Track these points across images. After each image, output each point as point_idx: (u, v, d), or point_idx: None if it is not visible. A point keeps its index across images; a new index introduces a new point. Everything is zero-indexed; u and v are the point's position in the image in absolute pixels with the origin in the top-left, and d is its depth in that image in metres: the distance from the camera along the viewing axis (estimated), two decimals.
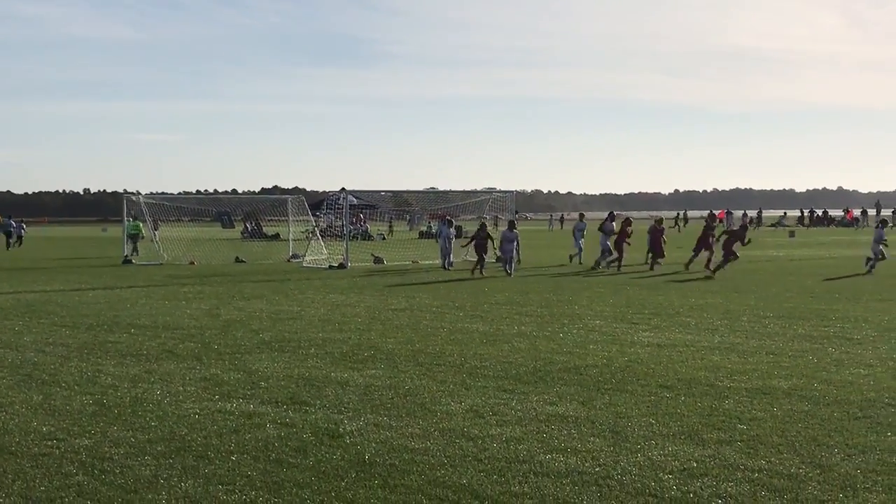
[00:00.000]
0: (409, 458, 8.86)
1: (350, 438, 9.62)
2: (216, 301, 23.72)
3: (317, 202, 61.89)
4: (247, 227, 71.81)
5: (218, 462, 8.83)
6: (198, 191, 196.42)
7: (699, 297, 23.72)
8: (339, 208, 44.72)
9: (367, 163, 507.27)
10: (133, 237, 45.17)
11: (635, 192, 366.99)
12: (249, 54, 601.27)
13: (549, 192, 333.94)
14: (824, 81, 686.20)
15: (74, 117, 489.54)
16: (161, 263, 40.81)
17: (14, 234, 59.70)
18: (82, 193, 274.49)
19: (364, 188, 55.18)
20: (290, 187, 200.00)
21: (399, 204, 78.86)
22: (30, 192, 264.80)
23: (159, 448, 9.35)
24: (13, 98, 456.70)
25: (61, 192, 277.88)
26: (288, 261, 42.17)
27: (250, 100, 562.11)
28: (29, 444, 9.56)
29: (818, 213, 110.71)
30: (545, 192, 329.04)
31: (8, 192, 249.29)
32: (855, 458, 8.76)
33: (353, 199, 54.06)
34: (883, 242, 32.17)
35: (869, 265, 31.48)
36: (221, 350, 15.53)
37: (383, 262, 39.61)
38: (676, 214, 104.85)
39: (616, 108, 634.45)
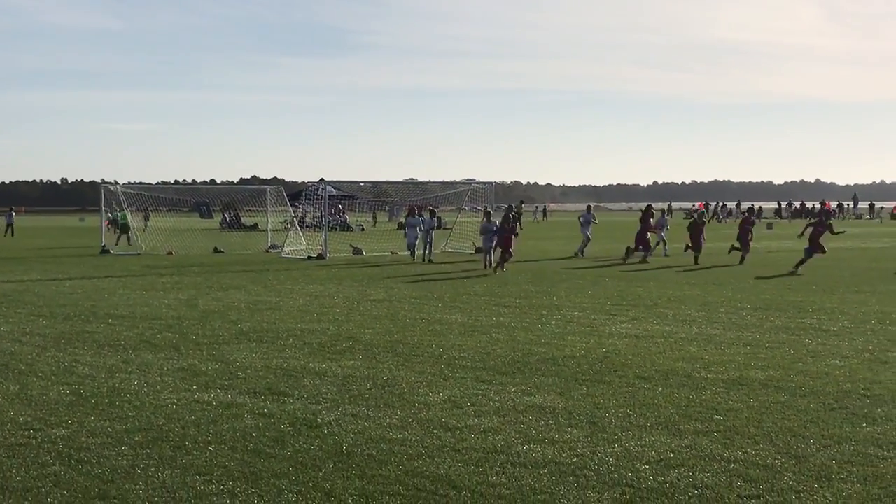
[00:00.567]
0: (387, 449, 8.87)
1: (328, 429, 9.62)
2: (194, 291, 23.65)
3: (296, 193, 61.75)
4: (225, 218, 71.59)
5: (195, 452, 8.81)
6: (176, 181, 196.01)
7: (677, 288, 23.80)
8: (317, 199, 44.60)
9: (347, 153, 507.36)
10: (124, 227, 45.45)
11: (614, 184, 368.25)
12: (229, 44, 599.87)
13: (528, 183, 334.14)
14: (804, 74, 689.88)
15: (52, 106, 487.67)
16: (139, 254, 40.67)
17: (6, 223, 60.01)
18: (60, 183, 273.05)
19: (343, 179, 55.01)
20: (269, 178, 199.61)
21: (378, 195, 78.74)
22: (6, 182, 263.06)
23: (136, 438, 9.32)
24: None
25: (39, 181, 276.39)
26: (266, 251, 42.07)
27: (229, 89, 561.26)
28: (5, 434, 9.51)
29: (796, 205, 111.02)
30: (524, 183, 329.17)
31: None
32: (830, 449, 8.81)
33: (332, 189, 53.94)
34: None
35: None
36: (199, 340, 15.49)
37: (362, 253, 39.56)
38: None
39: (596, 99, 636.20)
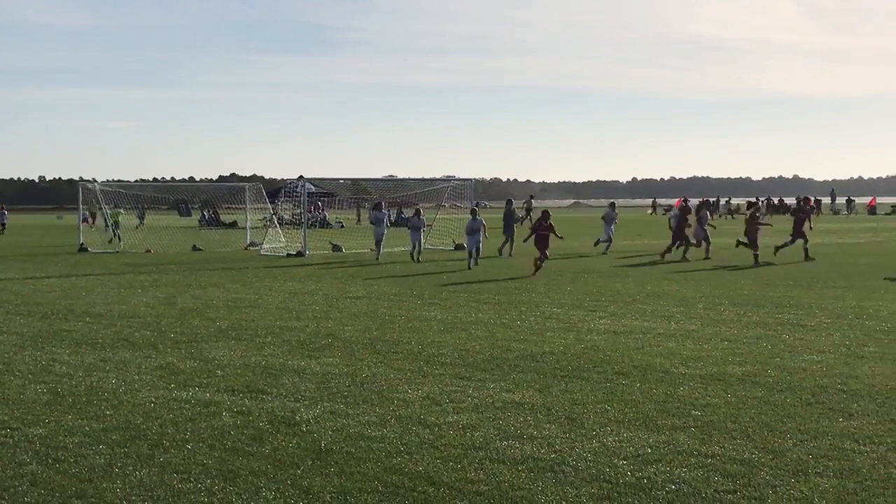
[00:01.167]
0: (366, 446, 8.87)
1: (306, 426, 9.61)
2: (173, 289, 23.58)
3: (275, 190, 61.55)
4: (204, 216, 71.34)
5: (173, 450, 8.80)
6: (155, 178, 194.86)
7: (656, 284, 23.87)
8: (296, 196, 44.52)
9: (326, 151, 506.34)
10: (116, 225, 45.54)
11: (593, 180, 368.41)
12: (209, 41, 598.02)
13: (508, 179, 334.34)
14: (781, 70, 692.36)
15: (30, 104, 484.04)
16: (117, 251, 40.51)
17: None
18: (37, 181, 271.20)
19: (322, 176, 54.88)
20: (247, 175, 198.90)
21: (358, 192, 78.58)
22: None
23: (114, 437, 9.30)
24: None
25: (16, 179, 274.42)
26: (245, 249, 41.97)
27: (208, 87, 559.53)
28: None
29: (775, 200, 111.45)
30: (504, 179, 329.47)
31: None
32: (807, 444, 8.87)
33: (311, 186, 53.84)
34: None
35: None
36: (178, 338, 15.45)
37: (342, 250, 39.50)
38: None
39: (575, 96, 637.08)
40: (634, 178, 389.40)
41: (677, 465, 8.21)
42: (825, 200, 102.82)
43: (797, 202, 45.81)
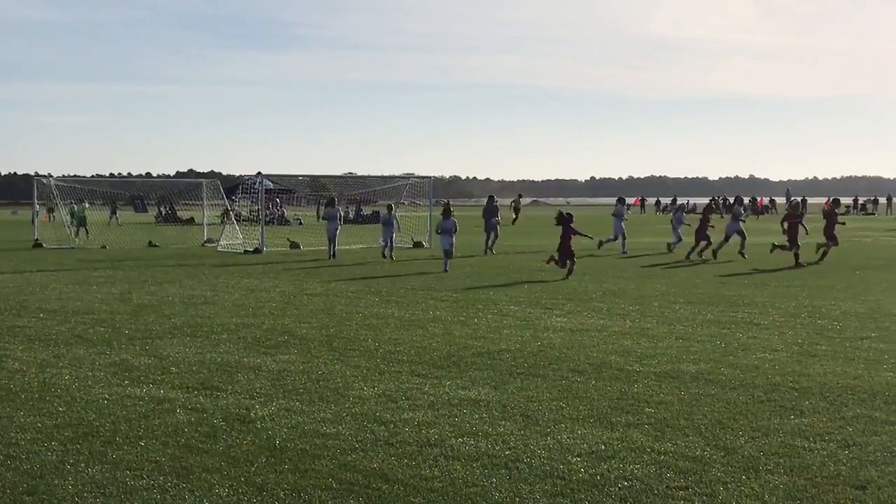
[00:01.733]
0: (321, 443, 8.86)
1: (261, 423, 9.58)
2: (128, 285, 23.40)
3: (232, 186, 61.29)
4: (161, 212, 70.88)
5: (126, 447, 8.74)
6: (112, 174, 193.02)
7: (612, 282, 24.01)
8: (254, 193, 44.34)
9: (285, 147, 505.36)
10: (82, 220, 45.18)
11: (552, 179, 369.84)
12: (166, 36, 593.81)
13: (468, 178, 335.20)
14: (739, 71, 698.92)
15: None
16: (73, 247, 40.14)
17: None
18: None
19: (281, 173, 54.68)
20: (205, 171, 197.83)
21: (317, 189, 78.32)
22: None
23: (67, 433, 9.22)
24: None
25: None
26: (202, 245, 41.77)
27: (166, 82, 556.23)
28: None
29: (730, 200, 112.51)
30: (463, 178, 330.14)
31: None
32: (759, 441, 8.96)
33: (270, 183, 53.65)
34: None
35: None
36: (132, 335, 15.34)
37: (300, 248, 39.39)
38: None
39: (534, 95, 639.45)
40: (593, 178, 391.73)
41: (630, 462, 8.26)
42: (779, 200, 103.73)
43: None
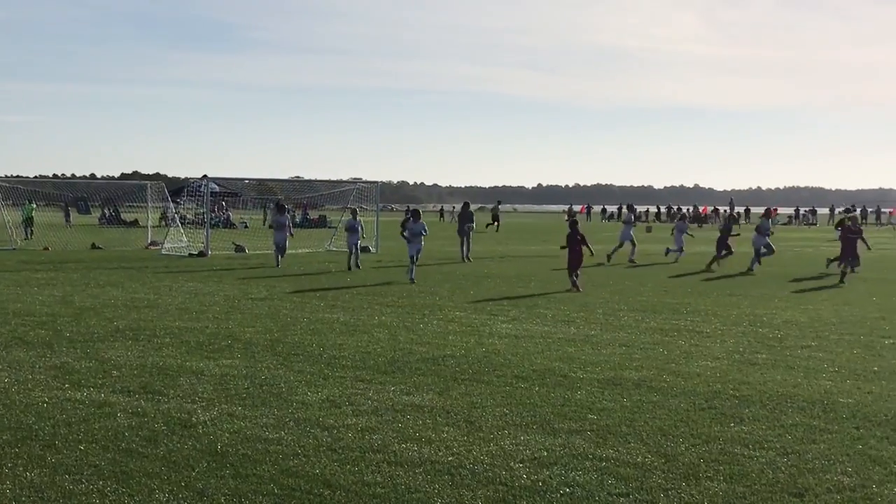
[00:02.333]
0: (263, 448, 8.81)
1: (203, 428, 9.51)
2: (70, 288, 23.12)
3: (178, 189, 60.84)
4: (105, 214, 70.13)
5: (66, 451, 8.64)
6: (55, 175, 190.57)
7: (558, 289, 24.09)
8: (200, 195, 44.01)
9: (231, 150, 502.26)
10: (29, 221, 44.64)
11: (499, 186, 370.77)
12: (112, 35, 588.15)
13: (415, 183, 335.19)
14: (684, 81, 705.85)
15: None
16: (14, 248, 39.57)
17: None
18: None
19: (227, 175, 54.36)
20: (151, 173, 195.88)
21: (263, 192, 77.97)
22: None
23: (5, 437, 9.10)
24: None
25: None
26: (146, 248, 41.39)
27: (112, 83, 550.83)
28: None
29: (674, 209, 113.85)
30: (411, 183, 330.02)
31: None
32: (699, 448, 9.05)
33: (215, 186, 53.33)
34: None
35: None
36: (73, 338, 15.16)
37: (245, 251, 39.16)
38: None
39: (482, 101, 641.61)
40: (540, 185, 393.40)
41: (572, 469, 8.31)
42: (722, 210, 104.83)
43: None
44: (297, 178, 65.44)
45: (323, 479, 7.92)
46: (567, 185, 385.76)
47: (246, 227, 62.89)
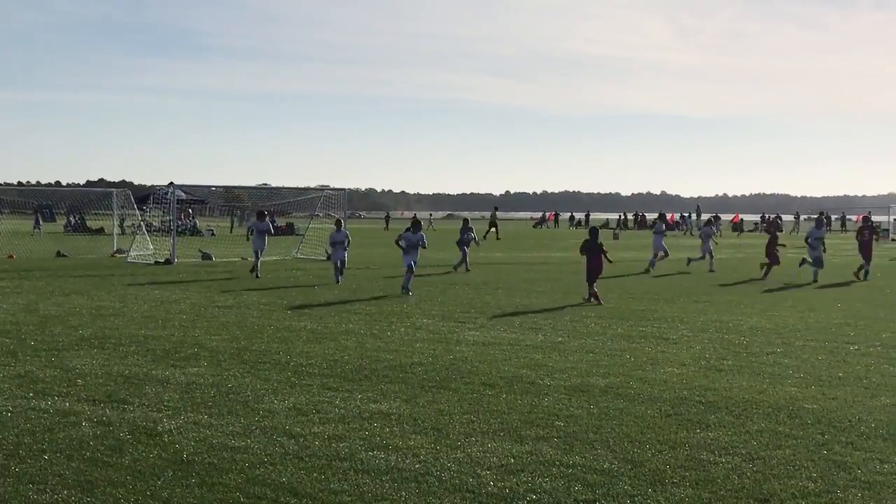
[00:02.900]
0: (229, 457, 8.77)
1: (168, 437, 9.46)
2: (34, 296, 22.92)
3: (144, 196, 60.49)
4: (70, 221, 69.58)
5: (30, 461, 8.57)
6: (19, 182, 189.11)
7: (524, 296, 24.15)
8: (166, 203, 43.75)
9: (198, 157, 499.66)
10: None
11: (467, 193, 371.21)
12: (78, 42, 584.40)
13: (383, 190, 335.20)
14: (651, 88, 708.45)
15: None
16: None
17: None
18: None
19: (193, 183, 54.10)
20: (116, 180, 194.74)
21: (230, 199, 77.66)
22: None
23: None
24: None
25: None
26: (112, 255, 41.11)
27: (77, 90, 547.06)
28: None
29: (641, 215, 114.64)
30: (379, 190, 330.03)
31: None
32: (665, 454, 9.09)
33: (182, 193, 53.06)
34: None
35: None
36: (38, 346, 15.03)
37: (212, 259, 38.98)
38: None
39: (450, 108, 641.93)
40: (507, 192, 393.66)
41: (540, 476, 8.32)
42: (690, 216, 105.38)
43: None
44: (265, 185, 65.33)
45: (290, 488, 7.89)
46: (535, 192, 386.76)
47: (213, 234, 62.62)
